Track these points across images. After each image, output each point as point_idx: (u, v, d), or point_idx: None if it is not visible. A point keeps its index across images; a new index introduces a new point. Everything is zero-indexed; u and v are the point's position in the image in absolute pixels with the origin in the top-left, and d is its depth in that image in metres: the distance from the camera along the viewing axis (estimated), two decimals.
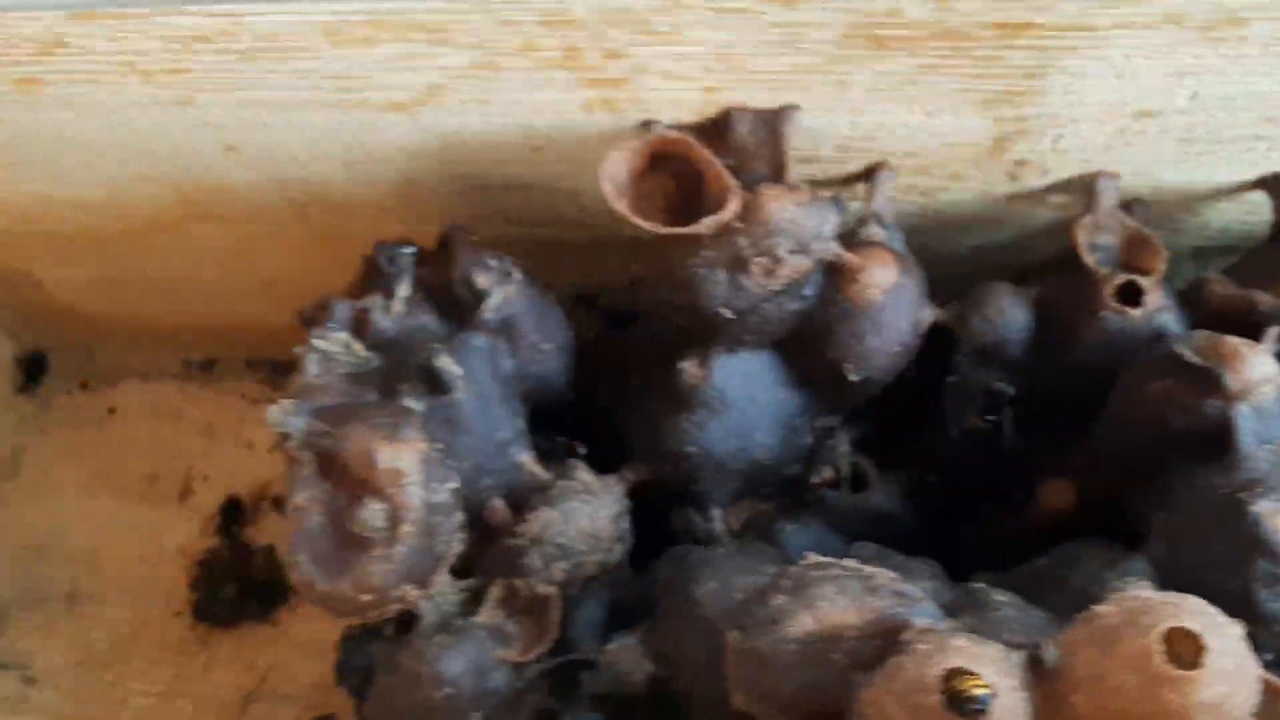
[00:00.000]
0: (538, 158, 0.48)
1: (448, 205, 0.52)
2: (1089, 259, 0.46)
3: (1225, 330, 0.42)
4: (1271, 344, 0.42)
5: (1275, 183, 0.48)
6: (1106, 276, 0.45)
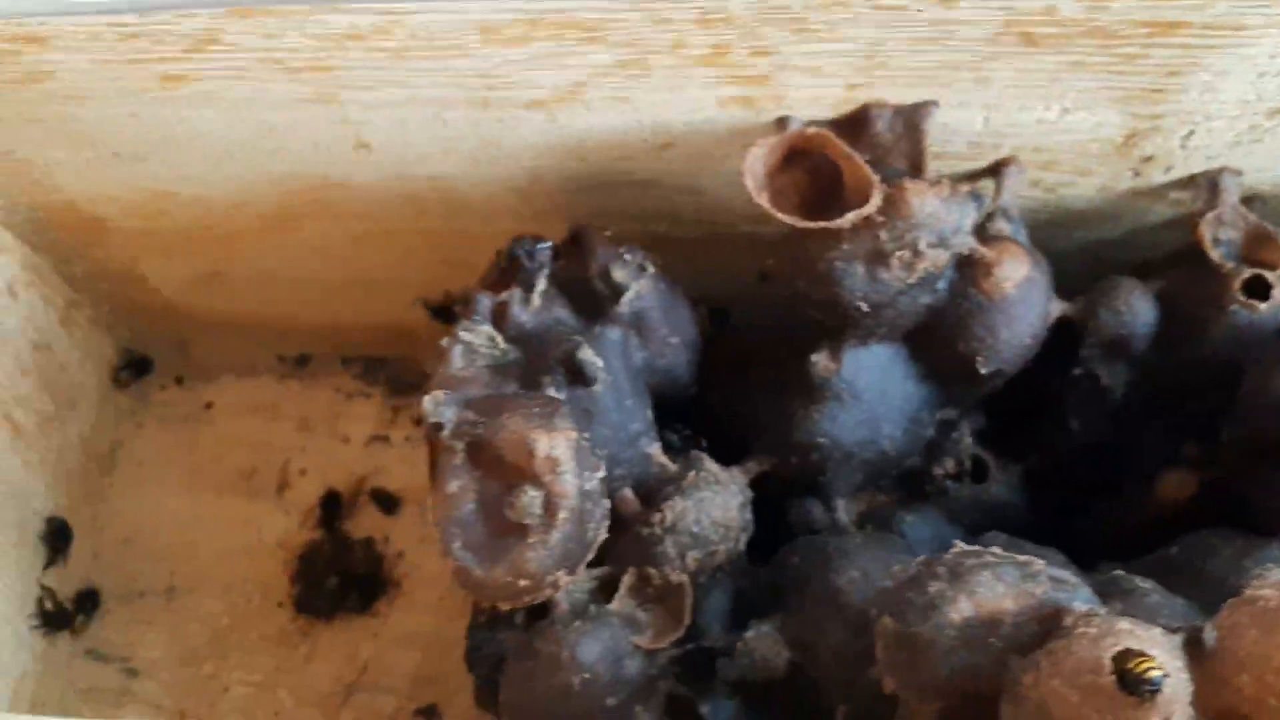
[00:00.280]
0: (666, 154, 0.49)
1: (565, 201, 0.53)
2: (1214, 254, 0.46)
3: None
4: None
5: None
6: (1233, 271, 0.46)
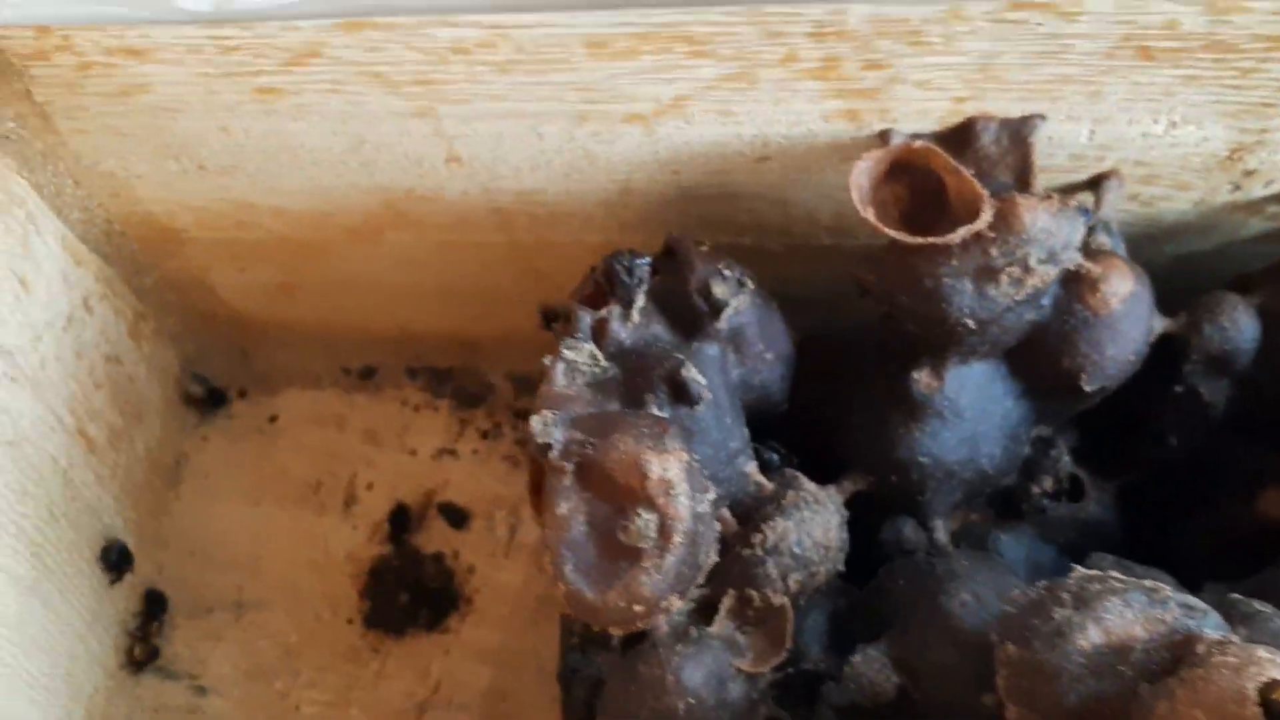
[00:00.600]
0: (762, 167, 0.48)
1: (651, 213, 0.52)
2: None
3: None
4: None
5: None
6: None
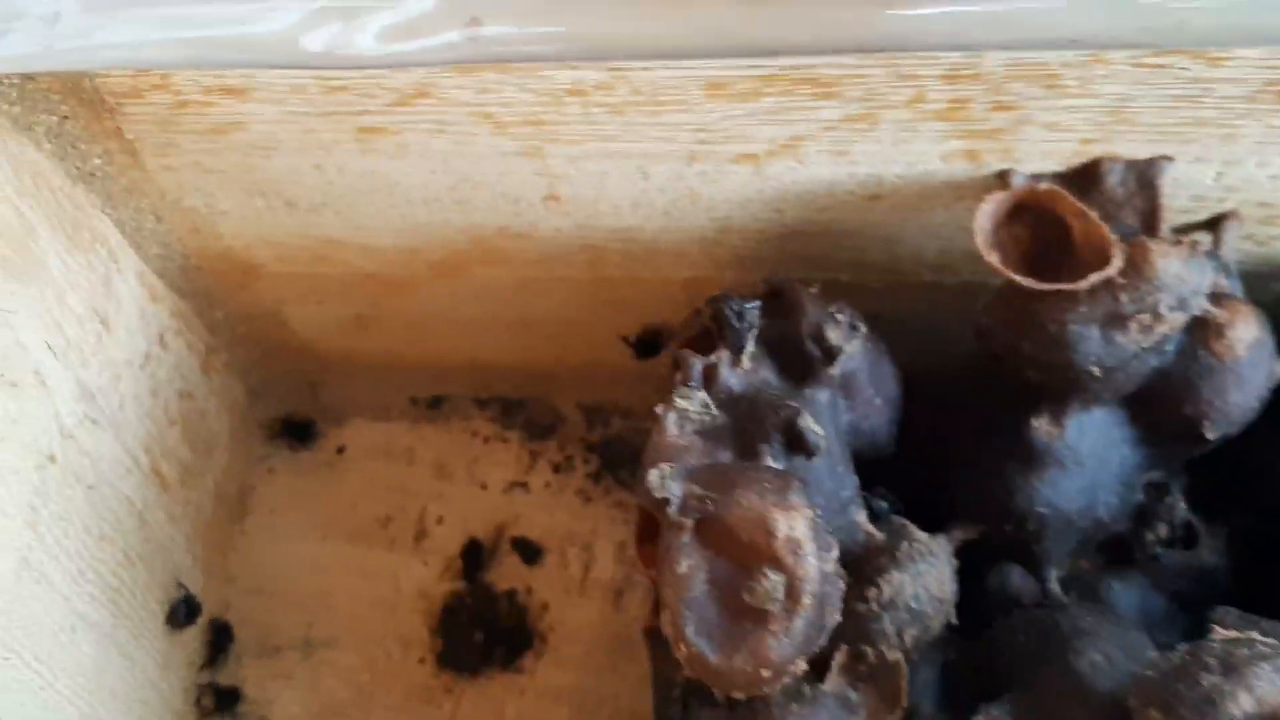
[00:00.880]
0: (871, 205, 0.47)
1: (749, 250, 0.51)
2: None
3: None
4: None
5: None
6: None
